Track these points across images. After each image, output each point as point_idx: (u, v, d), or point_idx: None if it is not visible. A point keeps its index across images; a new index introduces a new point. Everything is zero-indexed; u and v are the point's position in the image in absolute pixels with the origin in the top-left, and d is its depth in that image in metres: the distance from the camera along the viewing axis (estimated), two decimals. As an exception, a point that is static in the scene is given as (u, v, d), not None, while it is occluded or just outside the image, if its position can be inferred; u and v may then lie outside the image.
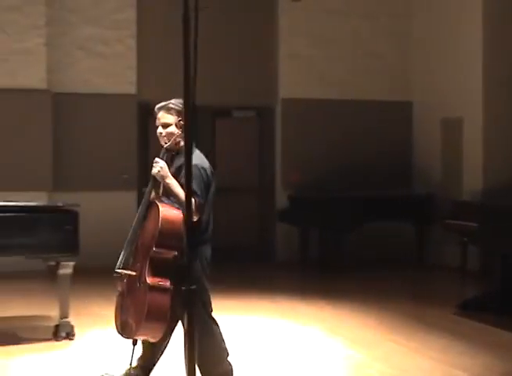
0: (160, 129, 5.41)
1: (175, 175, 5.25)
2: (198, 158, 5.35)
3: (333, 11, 13.02)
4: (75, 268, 7.28)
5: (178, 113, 5.35)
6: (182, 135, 5.27)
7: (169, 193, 5.22)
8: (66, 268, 7.25)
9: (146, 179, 9.66)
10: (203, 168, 5.33)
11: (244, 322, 8.28)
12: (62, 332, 7.31)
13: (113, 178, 11.94)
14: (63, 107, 11.86)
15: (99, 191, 11.82)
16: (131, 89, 12.22)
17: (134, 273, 5.04)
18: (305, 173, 12.75)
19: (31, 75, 11.55)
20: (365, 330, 7.95)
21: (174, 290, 4.92)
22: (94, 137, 11.96)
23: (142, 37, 12.35)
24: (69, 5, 12.03)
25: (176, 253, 5.03)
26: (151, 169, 5.28)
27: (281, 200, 12.81)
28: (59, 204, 7.76)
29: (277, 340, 7.48)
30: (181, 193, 5.07)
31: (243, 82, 12.81)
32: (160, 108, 5.45)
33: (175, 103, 5.42)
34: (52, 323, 7.47)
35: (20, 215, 7.02)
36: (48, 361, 6.65)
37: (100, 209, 11.54)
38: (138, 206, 12.97)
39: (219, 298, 9.21)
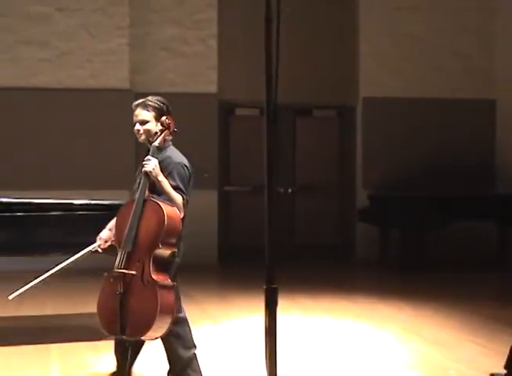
0: (137, 126, 5.41)
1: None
2: (178, 155, 5.50)
3: (416, 7, 12.87)
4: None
5: (155, 109, 5.41)
6: (166, 131, 5.39)
7: (160, 191, 5.22)
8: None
9: (226, 178, 9.87)
10: (185, 165, 5.48)
11: (322, 323, 8.25)
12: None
13: (195, 177, 12.00)
14: (145, 107, 11.98)
15: (180, 190, 11.90)
16: (212, 89, 12.30)
17: (135, 273, 4.97)
18: (386, 172, 12.65)
19: (114, 75, 11.73)
20: (445, 331, 7.84)
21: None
22: (175, 136, 12.05)
23: (223, 36, 12.41)
24: (152, 5, 12.17)
25: (175, 250, 5.14)
26: (142, 167, 5.29)
27: (361, 199, 12.74)
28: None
29: (354, 341, 7.43)
30: (171, 190, 5.23)
31: (323, 81, 12.77)
32: (138, 105, 5.46)
33: (153, 99, 5.48)
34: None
35: (103, 214, 7.09)
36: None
37: (181, 207, 11.62)
38: (219, 204, 13.08)
39: (299, 298, 9.26)
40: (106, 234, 5.43)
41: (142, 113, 5.41)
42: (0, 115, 11.28)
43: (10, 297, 5.65)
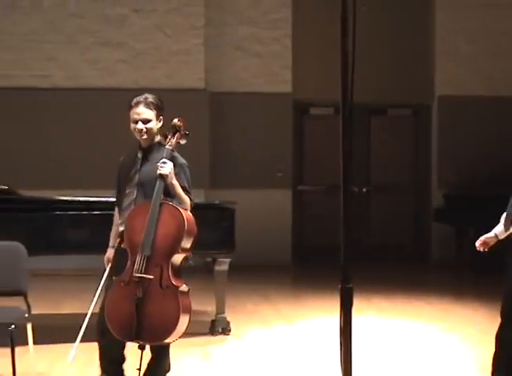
0: (140, 125, 5.25)
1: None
2: (180, 156, 5.41)
3: (492, 5, 12.66)
4: (231, 264, 7.39)
5: (157, 107, 5.28)
6: (178, 134, 5.33)
7: (172, 194, 5.18)
8: (223, 264, 7.35)
9: (300, 177, 9.83)
10: (188, 166, 5.42)
11: (396, 324, 8.19)
12: (218, 327, 7.43)
13: (269, 176, 12.07)
14: (220, 106, 12.08)
15: (255, 189, 11.96)
16: (287, 88, 12.30)
17: (152, 277, 4.95)
18: (462, 171, 12.48)
19: (189, 75, 11.83)
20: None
21: None
22: (250, 135, 12.12)
23: (298, 36, 12.41)
24: (226, 6, 12.23)
25: (190, 254, 5.15)
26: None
27: (436, 199, 12.60)
28: (216, 201, 7.89)
29: (427, 343, 7.35)
30: (182, 192, 5.20)
31: (398, 80, 12.67)
32: (139, 103, 5.26)
33: (153, 97, 5.30)
34: (209, 318, 7.61)
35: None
36: (205, 355, 6.78)
37: (256, 207, 11.67)
38: (293, 204, 13.06)
39: (374, 299, 9.21)
40: (108, 254, 5.44)
41: (144, 112, 5.25)
42: (79, 115, 11.47)
43: (70, 361, 5.64)
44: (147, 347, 5.15)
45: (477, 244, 5.70)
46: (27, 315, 5.61)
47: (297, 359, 6.59)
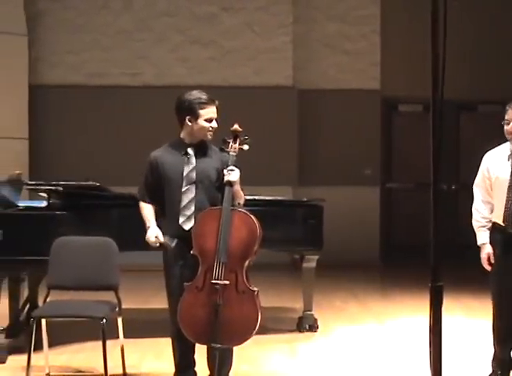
0: (214, 123, 5.26)
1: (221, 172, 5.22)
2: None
3: None
4: (319, 262, 7.38)
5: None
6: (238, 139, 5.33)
7: (235, 198, 5.20)
8: (311, 261, 7.35)
9: (388, 175, 9.79)
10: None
11: (485, 324, 8.06)
12: (305, 324, 7.44)
13: (357, 174, 12.01)
14: (308, 104, 12.07)
15: (343, 186, 11.92)
16: (375, 85, 12.23)
17: (228, 283, 5.00)
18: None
19: (278, 73, 11.85)
20: None
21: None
22: (338, 132, 12.08)
23: (386, 32, 12.32)
24: (314, 2, 12.23)
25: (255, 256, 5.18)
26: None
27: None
28: (304, 198, 7.89)
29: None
30: (243, 195, 5.25)
31: (490, 76, 12.46)
32: (212, 101, 5.31)
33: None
34: (296, 315, 7.62)
35: (267, 209, 7.17)
36: (292, 351, 6.79)
37: (344, 204, 11.63)
38: (381, 202, 12.97)
39: (463, 299, 9.08)
40: (156, 230, 5.31)
41: (214, 111, 5.32)
42: (169, 113, 11.60)
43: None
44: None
45: (486, 265, 5.68)
46: (117, 309, 5.71)
47: (385, 357, 6.55)
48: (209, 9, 11.94)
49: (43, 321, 5.73)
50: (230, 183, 5.13)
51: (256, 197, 7.01)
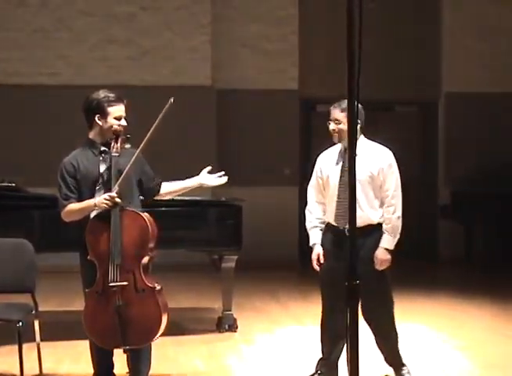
0: (123, 122, 5.25)
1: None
2: (130, 151, 5.28)
3: (500, 1, 12.63)
4: (238, 262, 7.39)
5: None
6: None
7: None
8: (229, 262, 7.36)
9: (308, 175, 9.63)
10: (141, 154, 5.31)
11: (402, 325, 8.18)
12: (225, 324, 7.44)
13: (276, 174, 12.06)
14: (228, 104, 12.08)
15: (262, 186, 11.95)
16: (294, 85, 12.30)
17: (127, 283, 5.00)
18: (469, 169, 12.45)
19: (196, 73, 11.83)
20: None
21: None
22: (257, 133, 12.12)
23: (305, 33, 12.40)
24: (233, 2, 12.24)
25: (155, 253, 5.19)
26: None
27: (443, 196, 12.60)
28: (223, 198, 7.90)
29: (432, 342, 7.34)
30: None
31: (406, 77, 12.64)
32: (121, 99, 5.31)
33: None
34: (216, 315, 7.62)
35: (186, 210, 7.17)
36: (212, 351, 6.79)
37: (263, 204, 11.66)
38: (300, 202, 13.04)
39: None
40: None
41: (123, 110, 5.31)
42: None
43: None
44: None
45: (315, 265, 5.67)
46: (34, 312, 5.63)
47: (306, 359, 6.57)
48: (128, 8, 11.85)
49: (-44, 325, 5.61)
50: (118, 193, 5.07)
51: (174, 198, 6.97)
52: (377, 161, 5.61)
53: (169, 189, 5.60)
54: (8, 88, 11.56)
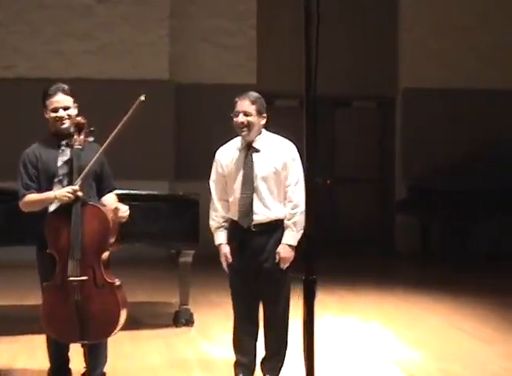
0: (60, 113, 5.24)
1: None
2: (93, 146, 5.33)
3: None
4: (195, 256, 7.39)
5: (73, 95, 5.31)
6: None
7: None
8: (187, 256, 7.36)
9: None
10: (101, 151, 5.27)
11: (353, 320, 8.23)
12: (182, 319, 7.44)
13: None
14: (186, 98, 12.05)
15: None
16: (252, 79, 12.29)
17: (86, 278, 5.00)
18: (425, 164, 12.55)
19: (154, 66, 11.78)
20: (487, 325, 7.76)
21: None
22: (215, 127, 12.09)
23: (263, 28, 12.41)
24: (192, -3, 12.22)
25: (115, 248, 5.22)
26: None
27: (400, 191, 12.70)
28: (180, 193, 7.87)
29: (390, 337, 7.40)
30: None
31: (363, 72, 12.71)
32: (60, 90, 5.28)
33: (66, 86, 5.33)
34: (173, 310, 7.61)
35: (143, 204, 7.14)
36: (169, 346, 6.78)
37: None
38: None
39: (339, 291, 9.24)
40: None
41: (59, 101, 5.27)
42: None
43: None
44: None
45: (225, 266, 5.56)
46: (-11, 306, 5.58)
47: (258, 352, 6.59)
48: (84, 1, 11.76)
49: None
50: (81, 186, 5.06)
51: (132, 192, 6.96)
52: (281, 156, 5.42)
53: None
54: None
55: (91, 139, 5.24)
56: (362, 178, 13.02)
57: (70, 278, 4.95)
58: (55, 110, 5.22)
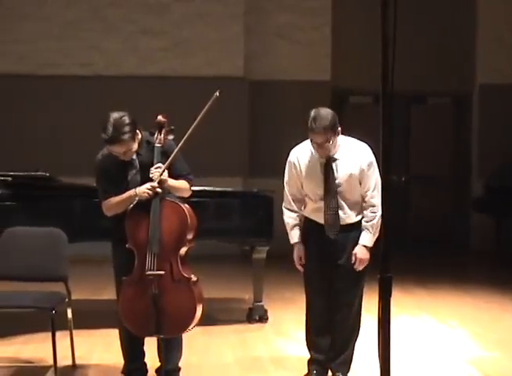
0: (125, 156, 5.19)
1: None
2: (171, 146, 5.32)
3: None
4: (269, 253, 7.39)
5: (133, 130, 5.12)
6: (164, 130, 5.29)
7: (174, 192, 5.28)
8: (260, 253, 7.37)
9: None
10: (179, 151, 5.27)
11: (430, 319, 8.15)
12: (255, 315, 7.46)
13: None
14: (260, 94, 12.07)
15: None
16: (326, 76, 12.26)
17: (163, 272, 5.04)
18: (504, 162, 12.34)
19: (229, 63, 11.83)
20: None
21: None
22: (289, 124, 12.08)
23: (337, 24, 12.35)
24: (266, -6, 12.23)
25: (193, 244, 5.23)
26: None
27: (476, 189, 12.52)
28: (255, 189, 7.88)
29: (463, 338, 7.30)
30: (180, 183, 5.27)
31: (439, 68, 12.56)
32: (117, 140, 5.08)
33: (125, 126, 5.11)
34: (246, 306, 7.63)
35: (217, 200, 7.18)
36: (242, 342, 6.80)
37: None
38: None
39: (414, 290, 9.15)
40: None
41: (118, 151, 5.17)
42: (120, 103, 11.51)
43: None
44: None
45: (298, 265, 5.58)
46: (66, 300, 5.67)
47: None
48: (161, -1, 11.88)
49: (-10, 312, 5.68)
50: (160, 182, 5.10)
51: (206, 188, 7.00)
52: (358, 161, 5.41)
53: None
54: (41, 79, 11.64)
55: (171, 137, 5.29)
56: (437, 176, 12.87)
57: (148, 272, 5.02)
58: (118, 154, 5.18)
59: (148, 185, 5.08)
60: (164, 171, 5.11)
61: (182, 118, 5.32)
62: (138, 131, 5.19)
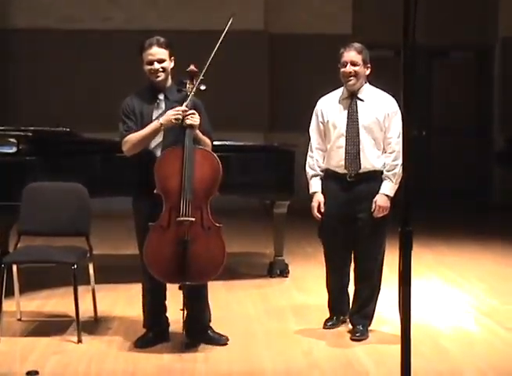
0: (156, 65, 5.25)
1: None
2: (198, 100, 5.34)
3: None
4: (292, 208, 7.39)
5: (169, 47, 5.32)
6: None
7: (198, 143, 5.25)
8: (281, 207, 7.37)
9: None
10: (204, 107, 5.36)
11: (453, 269, 8.14)
12: (276, 269, 7.49)
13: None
14: (280, 48, 11.99)
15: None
16: (347, 29, 12.15)
17: (194, 219, 5.06)
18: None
19: (249, 17, 11.73)
20: None
21: None
22: (311, 77, 12.01)
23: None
24: None
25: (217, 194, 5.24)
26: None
27: (499, 142, 12.45)
28: (275, 144, 7.85)
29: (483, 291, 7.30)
30: (203, 136, 5.27)
31: (461, 21, 12.42)
32: (151, 44, 5.28)
33: (163, 38, 5.36)
34: (267, 261, 7.66)
35: (237, 155, 7.15)
36: (263, 297, 6.84)
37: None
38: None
39: (433, 244, 9.14)
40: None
41: (159, 52, 5.28)
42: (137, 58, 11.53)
43: None
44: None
45: (316, 213, 5.57)
46: (88, 255, 5.71)
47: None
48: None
49: (14, 267, 5.72)
50: (191, 126, 5.12)
51: (226, 143, 6.98)
52: (383, 107, 5.46)
53: None
54: (61, 34, 11.61)
55: (203, 87, 5.29)
56: (459, 129, 12.79)
57: (181, 218, 5.04)
58: (150, 62, 5.25)
59: (176, 108, 5.11)
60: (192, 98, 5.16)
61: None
62: (173, 57, 5.32)
